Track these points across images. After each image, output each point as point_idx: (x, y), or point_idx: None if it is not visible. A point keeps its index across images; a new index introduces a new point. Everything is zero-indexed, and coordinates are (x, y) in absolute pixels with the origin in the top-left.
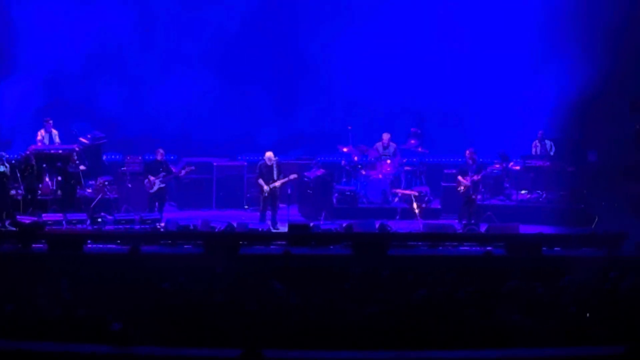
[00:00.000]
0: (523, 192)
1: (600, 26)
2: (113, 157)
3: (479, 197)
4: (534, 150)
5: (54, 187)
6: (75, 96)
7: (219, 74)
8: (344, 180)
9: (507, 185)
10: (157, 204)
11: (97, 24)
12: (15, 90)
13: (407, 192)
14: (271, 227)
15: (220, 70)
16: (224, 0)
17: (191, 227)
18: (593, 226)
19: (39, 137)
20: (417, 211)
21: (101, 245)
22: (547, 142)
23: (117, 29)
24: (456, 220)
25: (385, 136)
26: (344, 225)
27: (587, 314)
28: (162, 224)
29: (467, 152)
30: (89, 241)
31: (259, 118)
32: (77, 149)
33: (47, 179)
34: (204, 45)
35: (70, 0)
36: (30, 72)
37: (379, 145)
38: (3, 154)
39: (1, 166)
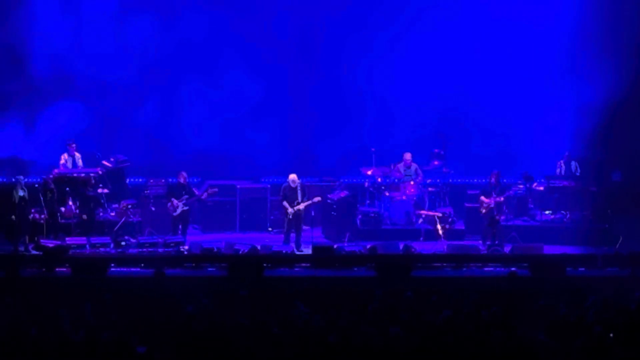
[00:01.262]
0: (547, 212)
1: (623, 46)
2: (136, 180)
3: (502, 217)
4: (558, 170)
5: (77, 211)
6: (110, 118)
7: (237, 99)
8: (368, 201)
9: (531, 205)
10: (180, 226)
11: (137, 46)
12: (62, 114)
13: (431, 213)
14: (295, 249)
15: (240, 94)
16: (255, 31)
17: (215, 250)
18: (617, 246)
19: (62, 161)
20: (441, 232)
21: (125, 269)
22: (573, 163)
23: (155, 51)
24: (480, 241)
25: (407, 156)
26: (368, 246)
27: (611, 334)
28: (186, 247)
29: (492, 173)
30: (112, 265)
31: (284, 140)
32: (99, 172)
33: (70, 203)
34: (229, 69)
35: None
36: (74, 96)
37: (400, 165)
38: (21, 178)
39: (20, 190)
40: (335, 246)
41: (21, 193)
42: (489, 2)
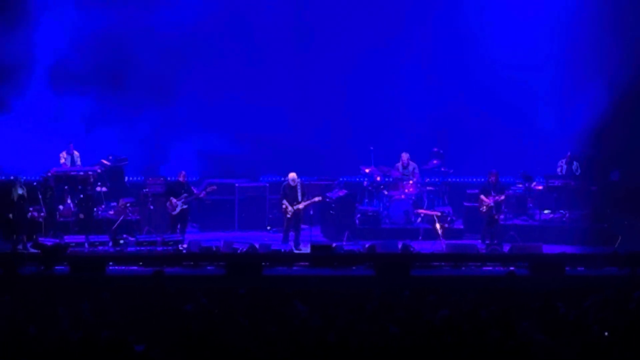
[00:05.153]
0: (546, 211)
1: (624, 45)
2: (135, 178)
3: (501, 217)
4: (559, 169)
5: (76, 209)
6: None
7: (236, 96)
8: (367, 200)
9: (530, 205)
10: (179, 225)
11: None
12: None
13: (430, 212)
14: (294, 248)
15: (239, 91)
16: (253, 27)
17: (213, 249)
18: (616, 245)
19: (61, 160)
20: (439, 231)
21: (123, 268)
22: (575, 163)
23: (152, 45)
24: (479, 241)
25: (404, 155)
26: (367, 245)
27: (606, 333)
28: (185, 246)
29: (491, 172)
30: (110, 263)
31: (282, 139)
32: (98, 170)
33: (68, 201)
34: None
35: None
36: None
37: (398, 165)
38: (20, 176)
39: (19, 189)
40: (333, 245)
41: (20, 191)
42: (488, 2)
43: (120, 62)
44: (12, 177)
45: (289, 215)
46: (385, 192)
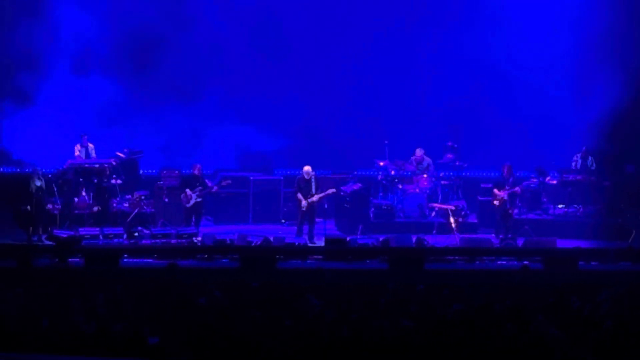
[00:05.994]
0: (560, 206)
1: (637, 40)
2: (149, 171)
3: (515, 211)
4: (574, 164)
5: (91, 202)
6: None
7: (251, 90)
8: (381, 194)
9: (545, 199)
10: (193, 218)
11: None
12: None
13: (444, 206)
14: (308, 242)
15: (253, 84)
16: (268, 20)
17: (228, 242)
18: (630, 240)
19: (76, 153)
20: (454, 225)
21: (138, 260)
22: (590, 158)
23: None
24: (493, 235)
25: (419, 151)
26: (381, 239)
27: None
28: (199, 239)
29: (504, 166)
30: (125, 255)
31: (298, 132)
32: (113, 163)
33: (83, 193)
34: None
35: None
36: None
37: (413, 160)
38: (38, 168)
39: (37, 180)
40: (348, 239)
41: (38, 183)
42: None
43: (148, 52)
44: (29, 169)
45: (303, 209)
46: (400, 186)
